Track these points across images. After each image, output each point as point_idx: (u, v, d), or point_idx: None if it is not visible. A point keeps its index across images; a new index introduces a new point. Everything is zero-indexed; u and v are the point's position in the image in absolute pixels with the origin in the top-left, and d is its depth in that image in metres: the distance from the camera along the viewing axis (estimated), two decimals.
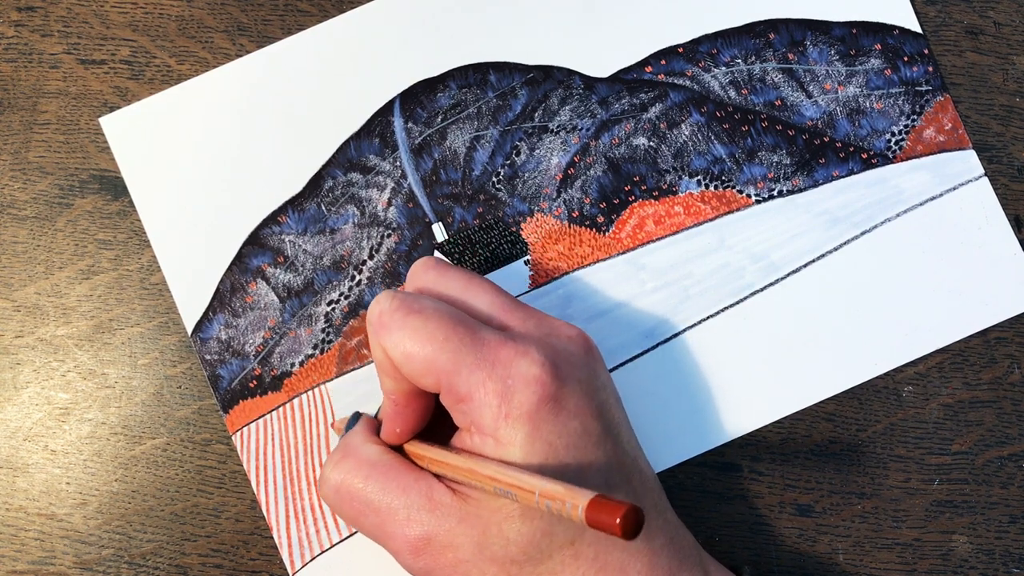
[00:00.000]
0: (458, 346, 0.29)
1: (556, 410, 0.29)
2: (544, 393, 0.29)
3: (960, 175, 0.39)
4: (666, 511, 0.32)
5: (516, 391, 0.29)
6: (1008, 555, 0.38)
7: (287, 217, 0.39)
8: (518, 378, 0.29)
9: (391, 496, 0.31)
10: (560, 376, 0.30)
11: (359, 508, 0.31)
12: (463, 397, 0.30)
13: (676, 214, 0.39)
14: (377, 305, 0.31)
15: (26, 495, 0.37)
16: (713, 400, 0.38)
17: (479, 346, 0.30)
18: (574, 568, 0.30)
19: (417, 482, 0.31)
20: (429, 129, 0.39)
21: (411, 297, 0.31)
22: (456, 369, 0.29)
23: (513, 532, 0.29)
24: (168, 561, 0.37)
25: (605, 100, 0.39)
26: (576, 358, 0.31)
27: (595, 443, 0.30)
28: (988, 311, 0.39)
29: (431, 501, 0.30)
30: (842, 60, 0.40)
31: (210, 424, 0.38)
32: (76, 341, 0.38)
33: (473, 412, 0.30)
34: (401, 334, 0.30)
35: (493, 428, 0.29)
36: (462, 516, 0.30)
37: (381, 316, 0.31)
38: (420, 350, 0.30)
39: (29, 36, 0.39)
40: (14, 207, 0.39)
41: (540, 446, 0.29)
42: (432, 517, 0.30)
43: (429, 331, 0.30)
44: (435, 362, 0.29)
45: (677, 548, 0.31)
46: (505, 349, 0.30)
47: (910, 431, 0.38)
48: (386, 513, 0.31)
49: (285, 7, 0.40)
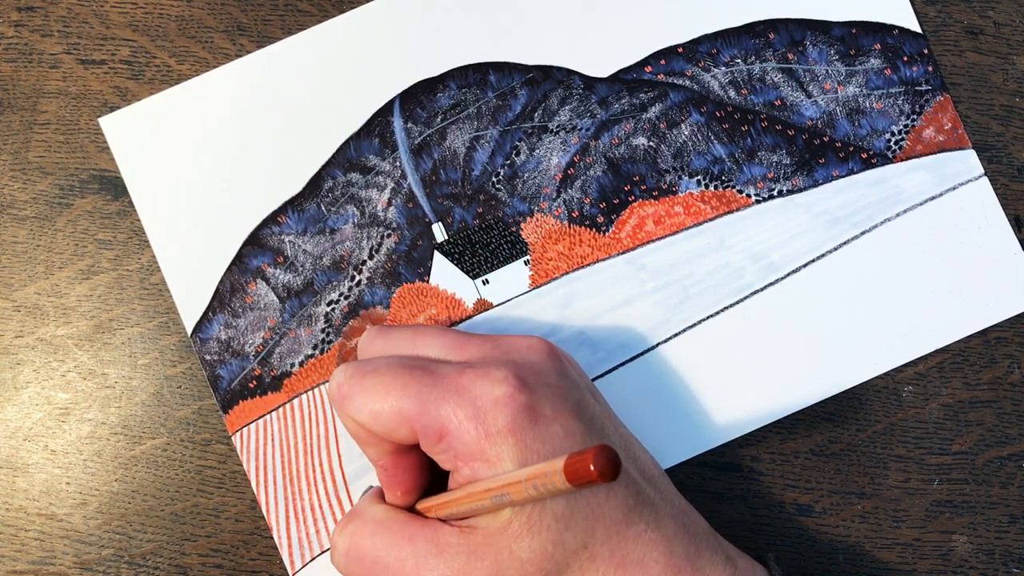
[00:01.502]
0: (418, 388, 0.30)
1: (533, 419, 0.30)
2: (516, 406, 0.29)
3: (960, 175, 0.39)
4: (674, 497, 0.32)
5: (488, 411, 0.29)
6: (1008, 555, 0.38)
7: (287, 217, 0.39)
8: (486, 399, 0.29)
9: (398, 548, 0.31)
10: (527, 386, 0.30)
11: (369, 567, 0.31)
12: (439, 434, 0.30)
13: (676, 214, 0.39)
14: (333, 380, 0.32)
15: (26, 495, 0.37)
16: (713, 400, 0.38)
17: (438, 382, 0.30)
18: (593, 570, 0.30)
19: (422, 530, 0.31)
20: (429, 129, 0.39)
21: (363, 361, 0.32)
22: (424, 410, 0.30)
23: (524, 550, 0.29)
24: (168, 561, 0.37)
25: (605, 100, 0.39)
26: (540, 365, 0.31)
27: (580, 441, 0.30)
28: (988, 311, 0.39)
29: (438, 545, 0.30)
30: (842, 60, 0.40)
31: (210, 424, 0.38)
32: (76, 341, 0.38)
33: (453, 444, 0.30)
34: (362, 397, 0.31)
35: (479, 451, 0.29)
36: (471, 550, 0.30)
37: (340, 388, 0.31)
38: (384, 405, 0.30)
39: (29, 36, 0.39)
40: (14, 207, 0.39)
41: (528, 455, 0.29)
42: (441, 560, 0.30)
43: (386, 384, 0.30)
44: (401, 411, 0.30)
45: (692, 534, 0.31)
46: (464, 377, 0.30)
47: (910, 431, 0.38)
48: (396, 567, 0.30)
49: (285, 7, 0.40)
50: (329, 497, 0.37)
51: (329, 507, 0.37)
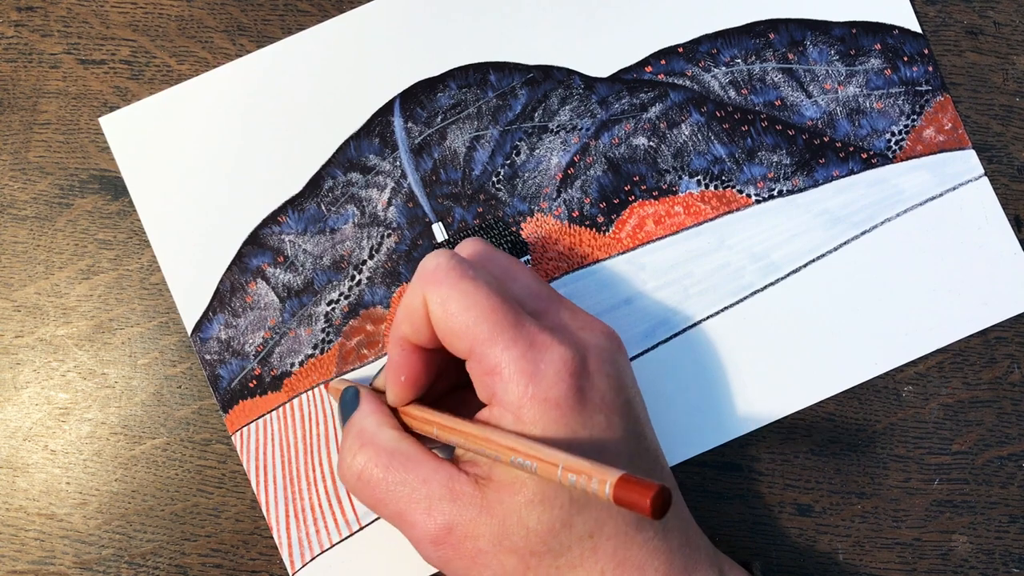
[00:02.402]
0: (500, 320, 0.30)
1: (582, 401, 0.30)
2: (572, 383, 0.30)
3: (960, 175, 0.39)
4: (682, 510, 0.33)
5: (545, 376, 0.29)
6: (1008, 555, 0.38)
7: (287, 217, 0.39)
8: (550, 364, 0.30)
9: (412, 486, 0.31)
10: (589, 370, 0.30)
11: (379, 496, 0.31)
12: (492, 369, 0.30)
13: (676, 214, 0.39)
14: (434, 258, 0.31)
15: (26, 495, 0.37)
16: (713, 400, 0.38)
17: (519, 327, 0.30)
18: (592, 563, 0.30)
19: (437, 472, 0.31)
20: (429, 129, 0.39)
21: (467, 262, 0.31)
22: (493, 340, 0.30)
23: (533, 520, 0.29)
24: (168, 561, 0.37)
25: (605, 100, 0.39)
26: (606, 354, 0.31)
27: (618, 438, 0.30)
28: (988, 311, 0.39)
29: (452, 491, 0.30)
30: (842, 60, 0.40)
31: (210, 424, 0.38)
32: (76, 341, 0.38)
33: (498, 386, 0.30)
34: (451, 292, 0.30)
35: (516, 406, 0.29)
36: (483, 505, 0.30)
37: (436, 270, 0.31)
38: (464, 314, 0.30)
39: (29, 36, 0.39)
40: (14, 207, 0.39)
41: (563, 433, 0.29)
42: (453, 507, 0.30)
43: (478, 299, 0.30)
44: (474, 329, 0.30)
45: (693, 548, 0.31)
46: (543, 336, 0.30)
47: (910, 431, 0.38)
48: (406, 503, 0.31)
49: (285, 7, 0.40)
50: (329, 497, 0.37)
51: (329, 507, 0.37)
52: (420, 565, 0.37)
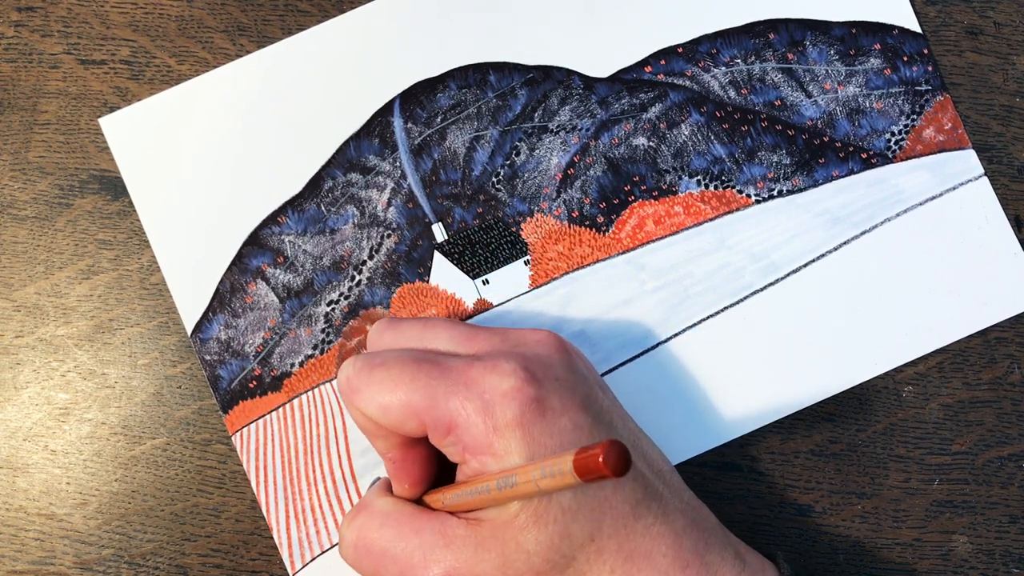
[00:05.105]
0: (427, 381, 0.30)
1: (541, 412, 0.30)
2: (524, 399, 0.29)
3: (960, 175, 0.39)
4: (683, 492, 0.32)
5: (496, 404, 0.29)
6: (1008, 555, 0.38)
7: (287, 217, 0.39)
8: (494, 392, 0.29)
9: (405, 541, 0.31)
10: (536, 379, 0.30)
11: (377, 559, 0.31)
12: (447, 427, 0.30)
13: (676, 214, 0.39)
14: (342, 373, 0.32)
15: (26, 495, 0.37)
16: (713, 400, 0.38)
17: (447, 375, 0.30)
18: (600, 564, 0.30)
19: (430, 522, 0.31)
20: (429, 129, 0.39)
21: (371, 354, 0.32)
22: (432, 403, 0.30)
23: (531, 542, 0.29)
24: (168, 561, 0.37)
25: (605, 100, 0.39)
26: (548, 358, 0.31)
27: (588, 435, 0.30)
28: (988, 311, 0.39)
29: (445, 536, 0.30)
30: (842, 60, 0.40)
31: (210, 424, 0.38)
32: (76, 341, 0.38)
33: (462, 437, 0.30)
34: (371, 390, 0.31)
35: (486, 444, 0.29)
36: (478, 542, 0.30)
37: (348, 381, 0.31)
38: (393, 398, 0.30)
39: (29, 36, 0.39)
40: (14, 207, 0.39)
41: (536, 448, 0.29)
42: (449, 552, 0.30)
43: (395, 377, 0.30)
44: (410, 404, 0.30)
45: (701, 529, 0.31)
46: (473, 370, 0.30)
47: (910, 431, 0.38)
48: (404, 559, 0.30)
49: (285, 7, 0.40)
50: (329, 497, 0.37)
51: (329, 507, 0.37)
52: None
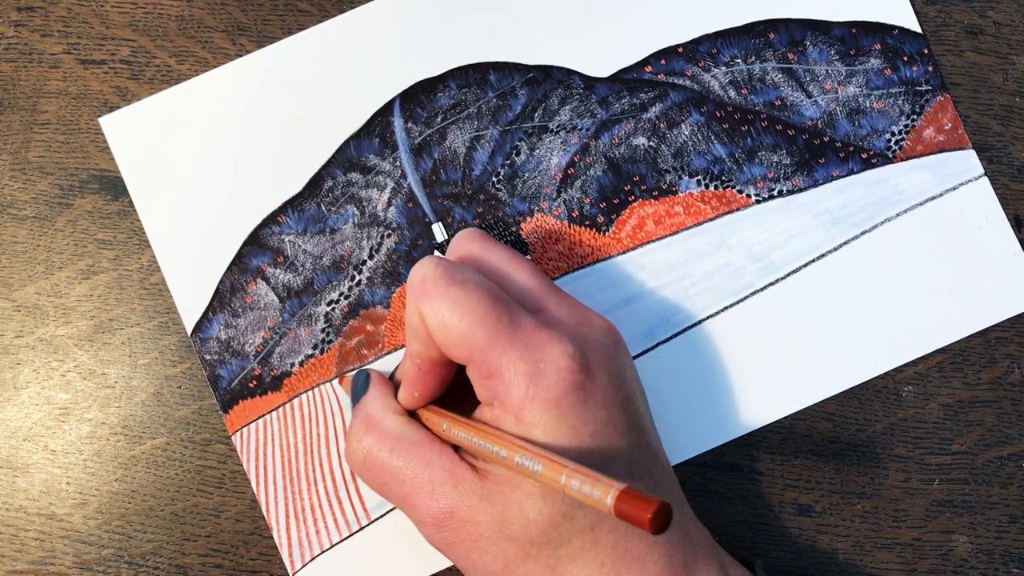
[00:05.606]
0: (495, 323, 0.30)
1: (583, 398, 0.30)
2: (573, 381, 0.29)
3: (960, 175, 0.39)
4: (683, 505, 0.33)
5: (546, 376, 0.29)
6: (1008, 555, 0.38)
7: (287, 217, 0.39)
8: (549, 363, 0.29)
9: (415, 470, 0.31)
10: (590, 366, 0.30)
11: (385, 479, 0.32)
12: (492, 373, 0.30)
13: (676, 214, 0.39)
14: (420, 269, 0.31)
15: (26, 495, 0.37)
16: (713, 400, 0.38)
17: (515, 327, 0.30)
18: (593, 554, 0.30)
19: (440, 457, 0.31)
20: (429, 129, 0.39)
21: (455, 267, 0.31)
22: (490, 345, 0.30)
23: (534, 512, 0.29)
24: (168, 561, 0.37)
25: (605, 100, 0.39)
26: (606, 349, 0.31)
27: (619, 433, 0.30)
28: (988, 311, 0.39)
29: (454, 477, 0.31)
30: (842, 60, 0.40)
31: (210, 424, 0.38)
32: (76, 341, 0.38)
33: (499, 388, 0.30)
34: (441, 303, 0.30)
35: (518, 408, 0.29)
36: (483, 494, 0.30)
37: (424, 282, 0.30)
38: (458, 322, 0.30)
39: (29, 36, 0.39)
40: (14, 207, 0.39)
41: (564, 431, 0.29)
42: (455, 492, 0.30)
43: (469, 305, 0.30)
44: (471, 336, 0.30)
45: (693, 542, 0.32)
46: (540, 334, 0.30)
47: (910, 431, 0.38)
48: (410, 485, 0.31)
49: (285, 7, 0.40)
50: (329, 497, 0.37)
51: (329, 507, 0.37)
52: (421, 565, 0.37)
